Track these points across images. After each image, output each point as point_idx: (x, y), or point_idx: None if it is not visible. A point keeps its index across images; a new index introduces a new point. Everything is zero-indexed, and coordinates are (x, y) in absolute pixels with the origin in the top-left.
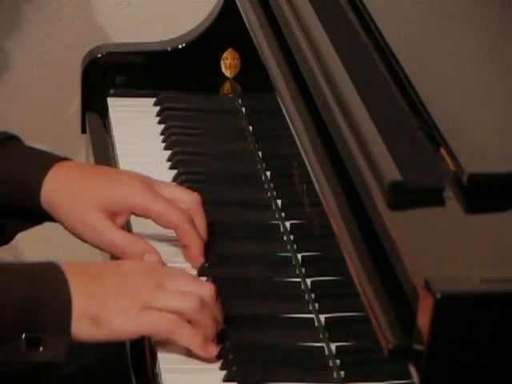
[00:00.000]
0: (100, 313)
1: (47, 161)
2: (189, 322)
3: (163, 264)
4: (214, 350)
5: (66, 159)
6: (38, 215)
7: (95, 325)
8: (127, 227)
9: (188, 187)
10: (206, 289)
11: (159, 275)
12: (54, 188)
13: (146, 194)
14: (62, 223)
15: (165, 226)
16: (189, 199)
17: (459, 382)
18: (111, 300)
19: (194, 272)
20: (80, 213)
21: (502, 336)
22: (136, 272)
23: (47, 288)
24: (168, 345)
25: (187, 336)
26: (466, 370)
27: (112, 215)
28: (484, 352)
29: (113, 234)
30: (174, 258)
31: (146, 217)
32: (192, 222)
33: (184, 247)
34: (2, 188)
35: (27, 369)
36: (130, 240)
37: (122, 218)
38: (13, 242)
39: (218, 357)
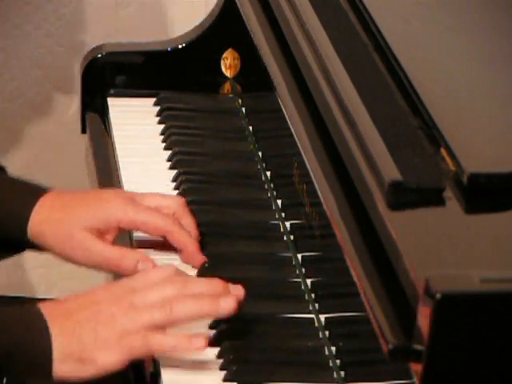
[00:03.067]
0: (83, 351)
1: (35, 192)
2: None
3: (156, 267)
4: (199, 342)
5: (48, 189)
6: (22, 247)
7: (80, 364)
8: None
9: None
10: (176, 284)
11: (128, 294)
12: (40, 220)
13: (128, 207)
14: (52, 251)
15: (153, 234)
16: (172, 203)
17: (459, 382)
18: (89, 336)
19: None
20: (67, 236)
21: (501, 336)
22: (105, 299)
23: (28, 332)
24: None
25: (167, 343)
26: (465, 370)
27: (99, 234)
28: (484, 352)
29: (103, 251)
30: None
31: (134, 229)
32: (179, 224)
33: (179, 251)
34: None
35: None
36: (121, 253)
37: (109, 236)
38: None
39: (218, 356)
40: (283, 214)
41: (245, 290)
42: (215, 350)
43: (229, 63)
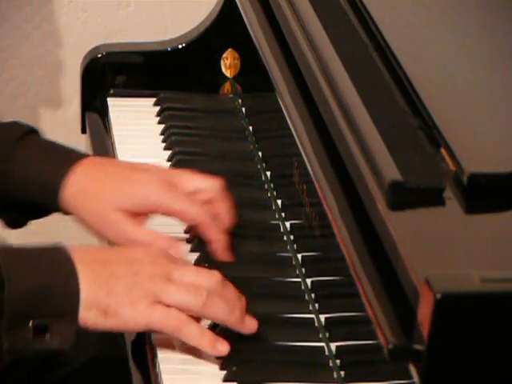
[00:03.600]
0: (110, 303)
1: (66, 161)
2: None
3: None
4: (223, 347)
5: (84, 156)
6: (55, 209)
7: (104, 314)
8: None
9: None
10: (213, 278)
11: (167, 265)
12: (74, 191)
13: (166, 194)
14: (83, 224)
15: (186, 223)
16: (210, 187)
17: (459, 382)
18: (122, 291)
19: None
20: (101, 214)
21: (501, 336)
22: (145, 261)
23: (55, 276)
24: (168, 345)
25: (194, 335)
26: (465, 370)
27: (133, 214)
28: (484, 352)
29: (135, 233)
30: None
31: (168, 215)
32: (213, 217)
33: (207, 243)
34: (22, 187)
35: (32, 360)
36: (153, 237)
37: (143, 217)
38: (13, 240)
39: (218, 357)
40: (283, 214)
41: (245, 290)
42: None
43: (229, 63)
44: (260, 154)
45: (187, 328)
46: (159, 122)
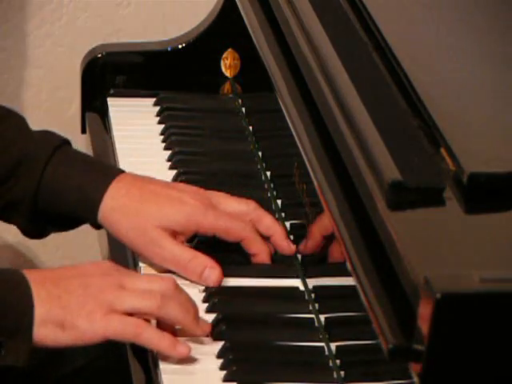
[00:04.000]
0: (65, 317)
1: (106, 176)
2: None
3: (221, 280)
4: (184, 349)
5: (122, 172)
6: (82, 222)
7: (60, 329)
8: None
9: None
10: (166, 283)
11: (119, 275)
12: (113, 207)
13: (209, 213)
14: (121, 239)
15: (230, 240)
16: (245, 209)
17: (459, 382)
18: (75, 304)
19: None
20: (141, 230)
21: (501, 336)
22: (96, 273)
23: (10, 293)
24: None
25: (153, 339)
26: (465, 370)
27: (173, 234)
28: (484, 352)
29: (174, 249)
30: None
31: (210, 234)
32: (255, 231)
33: (252, 255)
34: (56, 199)
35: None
36: (191, 255)
37: (183, 237)
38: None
39: (218, 356)
40: (283, 214)
41: (245, 291)
42: (215, 350)
43: (229, 63)
44: (260, 154)
45: (145, 333)
46: (159, 122)
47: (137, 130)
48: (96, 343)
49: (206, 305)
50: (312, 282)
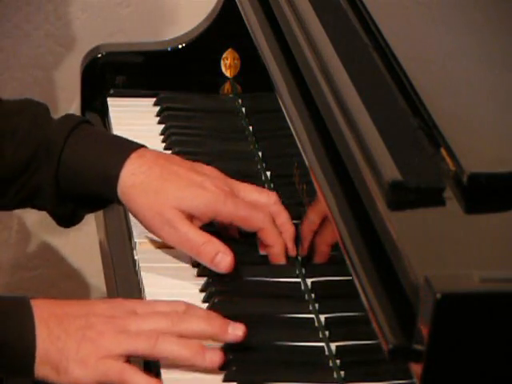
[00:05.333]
0: (60, 361)
1: (123, 150)
2: None
3: (234, 265)
4: None
5: (141, 147)
6: (110, 201)
7: (56, 372)
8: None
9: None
10: (169, 318)
11: (125, 316)
12: (133, 183)
13: (228, 201)
14: (137, 217)
15: (247, 229)
16: (266, 201)
17: (459, 382)
18: (72, 348)
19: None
20: (158, 209)
21: (501, 336)
22: (101, 315)
23: (13, 332)
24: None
25: (138, 381)
26: (465, 370)
27: (190, 217)
28: (484, 352)
29: (189, 232)
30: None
31: (228, 222)
32: (274, 223)
33: (266, 246)
34: (77, 178)
35: None
36: (205, 239)
37: (199, 221)
38: (13, 240)
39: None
40: None
41: (245, 290)
42: None
43: (229, 63)
44: (260, 154)
45: (131, 378)
46: (159, 122)
47: (137, 130)
48: None
49: (206, 305)
50: (312, 282)
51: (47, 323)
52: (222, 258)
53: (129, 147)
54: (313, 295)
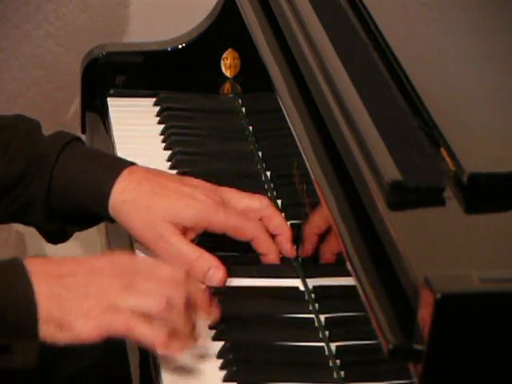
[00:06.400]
0: (63, 317)
1: (114, 168)
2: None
3: (225, 280)
4: (178, 347)
5: (132, 165)
6: (100, 218)
7: (59, 328)
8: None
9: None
10: (178, 289)
11: (129, 275)
12: (124, 199)
13: (220, 211)
14: (130, 232)
15: (240, 238)
16: (258, 206)
17: (459, 382)
18: (74, 303)
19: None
20: (151, 224)
21: (501, 336)
22: (104, 272)
23: (12, 294)
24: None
25: (146, 335)
26: (465, 370)
27: (183, 229)
28: (484, 352)
29: (182, 247)
30: None
31: (220, 232)
32: (265, 231)
33: (261, 255)
34: (67, 194)
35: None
36: (198, 253)
37: (192, 234)
38: (13, 240)
39: (218, 356)
40: (283, 214)
41: (245, 291)
42: (215, 350)
43: (229, 63)
44: (260, 153)
45: (137, 328)
46: (159, 122)
47: (137, 130)
48: (94, 342)
49: None
50: (312, 282)
51: (46, 281)
52: (214, 273)
53: (120, 165)
54: (313, 295)
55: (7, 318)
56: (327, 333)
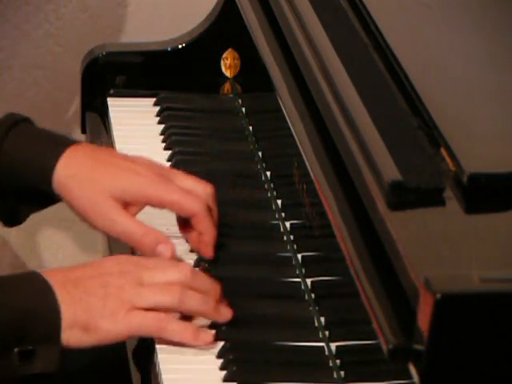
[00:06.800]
0: (88, 319)
1: (59, 145)
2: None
3: (175, 257)
4: (207, 337)
5: (78, 142)
6: (50, 198)
7: (85, 332)
8: None
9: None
10: (183, 272)
11: (136, 270)
12: (67, 174)
13: (161, 185)
14: (73, 209)
15: (181, 214)
16: (202, 191)
17: (459, 382)
18: (97, 305)
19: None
20: (93, 201)
21: (501, 336)
22: (114, 271)
23: (35, 300)
24: (168, 345)
25: (176, 331)
26: (465, 370)
27: (125, 205)
28: (484, 352)
29: (126, 224)
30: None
31: (161, 207)
32: (209, 209)
33: (198, 234)
34: (14, 171)
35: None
36: (144, 230)
37: (135, 208)
38: (13, 240)
39: (218, 356)
40: (283, 214)
41: (245, 290)
42: (215, 350)
43: (229, 63)
44: (260, 154)
45: (169, 326)
46: (159, 122)
47: (137, 130)
48: (121, 341)
49: None
50: (312, 282)
51: (65, 288)
52: (163, 248)
53: (65, 142)
54: (313, 295)
55: (33, 326)
56: (327, 333)
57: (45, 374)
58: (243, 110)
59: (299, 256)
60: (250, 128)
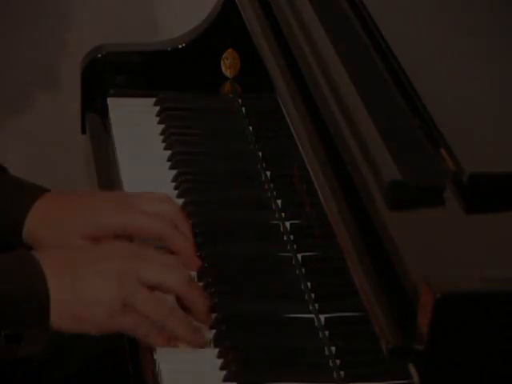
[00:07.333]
0: (80, 309)
1: (29, 199)
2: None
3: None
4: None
5: (46, 191)
6: (16, 245)
7: (75, 320)
8: None
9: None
10: (181, 278)
11: (135, 260)
12: (37, 221)
13: (123, 214)
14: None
15: (150, 238)
16: (169, 210)
17: (459, 382)
18: (93, 295)
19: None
20: (65, 242)
21: (501, 336)
22: (113, 258)
23: (25, 284)
24: (168, 344)
25: (160, 342)
26: (465, 370)
27: (97, 240)
28: (484, 352)
29: None
30: None
31: (129, 234)
32: (175, 227)
33: (175, 253)
34: None
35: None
36: None
37: (108, 240)
38: None
39: (218, 356)
40: (283, 214)
41: (245, 290)
42: (215, 350)
43: (229, 63)
44: (260, 154)
45: (154, 336)
46: (159, 122)
47: (137, 130)
48: (107, 333)
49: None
50: (312, 282)
51: (58, 272)
52: None
53: (37, 191)
54: (313, 295)
55: (22, 310)
56: (327, 333)
57: (44, 374)
58: (243, 110)
59: (299, 256)
60: (250, 128)
